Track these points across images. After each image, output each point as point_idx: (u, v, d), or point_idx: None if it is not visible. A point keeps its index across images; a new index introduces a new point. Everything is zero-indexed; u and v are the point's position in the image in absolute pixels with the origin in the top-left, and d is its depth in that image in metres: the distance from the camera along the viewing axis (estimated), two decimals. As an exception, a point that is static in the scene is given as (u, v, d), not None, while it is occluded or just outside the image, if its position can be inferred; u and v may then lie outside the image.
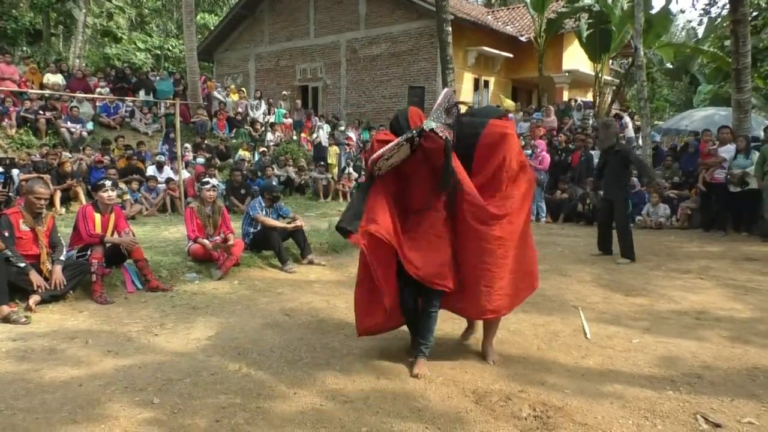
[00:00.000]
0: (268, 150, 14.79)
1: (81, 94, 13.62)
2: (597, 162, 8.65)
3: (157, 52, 30.57)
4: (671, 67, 24.51)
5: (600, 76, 17.84)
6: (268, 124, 16.29)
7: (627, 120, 14.21)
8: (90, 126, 13.63)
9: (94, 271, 5.08)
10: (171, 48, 30.81)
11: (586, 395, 3.22)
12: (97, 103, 14.46)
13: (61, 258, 4.98)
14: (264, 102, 17.32)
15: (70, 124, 12.95)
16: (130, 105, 14.95)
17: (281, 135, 16.28)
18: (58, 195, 9.90)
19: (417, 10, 18.03)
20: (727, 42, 14.95)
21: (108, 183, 5.58)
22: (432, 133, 3.19)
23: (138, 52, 29.04)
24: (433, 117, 3.25)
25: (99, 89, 14.66)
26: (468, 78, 18.81)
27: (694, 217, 10.19)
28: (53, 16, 25.89)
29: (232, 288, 5.70)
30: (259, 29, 22.31)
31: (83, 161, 11.26)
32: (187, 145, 12.93)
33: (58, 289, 4.85)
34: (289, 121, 17.35)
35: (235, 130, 15.80)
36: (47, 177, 9.67)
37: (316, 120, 16.87)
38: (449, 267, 3.38)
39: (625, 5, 17.08)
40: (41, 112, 12.96)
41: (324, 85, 20.79)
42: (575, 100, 17.66)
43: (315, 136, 15.77)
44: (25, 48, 24.99)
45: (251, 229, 6.83)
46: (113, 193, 5.61)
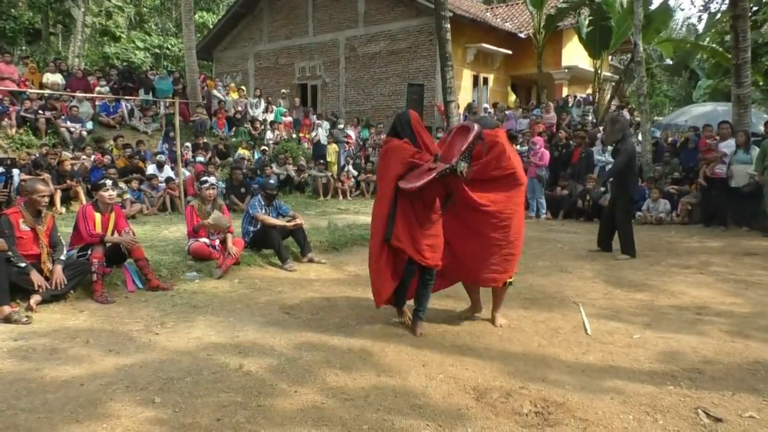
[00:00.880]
0: (268, 148, 14.78)
1: (80, 94, 13.62)
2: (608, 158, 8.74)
3: (156, 50, 30.53)
4: (671, 62, 24.51)
5: (599, 72, 17.81)
6: (268, 122, 16.28)
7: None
8: (90, 125, 13.63)
9: (95, 271, 5.07)
10: (170, 47, 30.77)
11: (586, 391, 3.23)
12: (97, 103, 14.45)
13: (62, 258, 4.98)
14: (263, 100, 17.31)
15: (69, 124, 12.94)
16: (130, 104, 14.94)
17: (280, 133, 16.27)
18: (58, 195, 9.90)
19: (416, 8, 18.00)
20: (727, 37, 14.93)
21: (108, 182, 5.58)
22: (459, 173, 3.85)
23: (137, 51, 29.01)
24: (462, 157, 3.85)
25: (98, 88, 14.66)
26: (467, 75, 18.79)
27: (694, 213, 10.19)
28: (52, 15, 25.86)
29: (233, 287, 5.70)
30: (258, 27, 22.29)
31: (84, 161, 11.26)
32: (186, 144, 12.92)
33: (59, 289, 4.85)
34: (289, 119, 17.33)
35: (234, 129, 15.79)
36: (47, 176, 9.69)
37: (314, 118, 16.87)
38: (442, 251, 4.28)
39: (625, 1, 17.05)
40: (41, 111, 12.95)
41: (323, 83, 20.77)
42: (574, 97, 17.65)
43: (314, 134, 15.76)
44: (24, 47, 24.97)
45: (251, 228, 6.83)
46: (113, 192, 5.61)
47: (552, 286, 5.74)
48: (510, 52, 19.54)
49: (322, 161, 14.13)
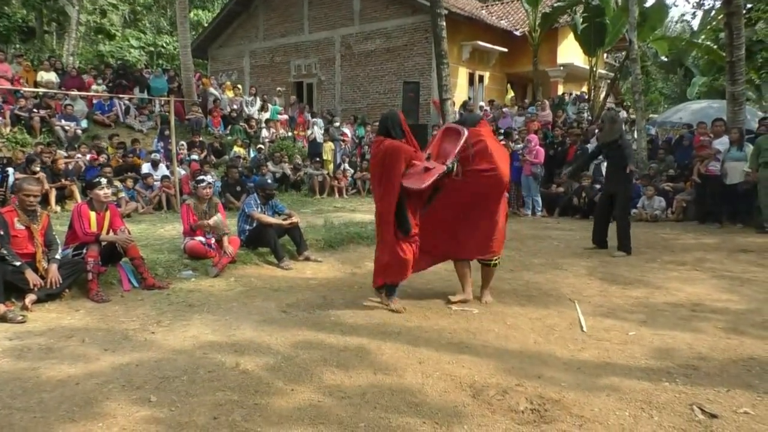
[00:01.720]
0: (264, 147, 14.75)
1: (75, 92, 13.56)
2: (591, 151, 8.74)
3: (151, 49, 30.43)
4: (666, 60, 24.55)
5: (595, 69, 17.84)
6: (263, 121, 16.23)
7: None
8: (84, 124, 13.57)
9: (90, 270, 5.06)
10: (165, 45, 30.66)
11: (582, 388, 3.24)
12: (92, 101, 14.39)
13: (57, 256, 4.96)
14: (259, 98, 17.26)
15: (64, 122, 12.89)
16: (125, 102, 14.89)
17: (276, 131, 16.23)
18: (53, 193, 9.87)
19: (411, 6, 17.98)
20: (722, 35, 14.97)
21: (103, 180, 5.56)
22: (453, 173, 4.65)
23: (132, 49, 28.91)
24: (456, 159, 4.64)
25: (94, 86, 14.60)
26: (462, 73, 18.79)
27: (689, 210, 10.22)
28: (46, 13, 25.75)
29: (229, 285, 5.69)
30: (254, 25, 22.23)
31: (79, 160, 11.22)
32: (182, 143, 12.88)
33: (54, 288, 4.83)
34: (285, 117, 17.30)
35: (230, 127, 15.75)
36: (42, 175, 9.64)
37: (308, 116, 16.85)
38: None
39: (620, -1, 17.09)
40: (35, 110, 12.88)
41: (318, 81, 20.74)
42: (570, 94, 17.66)
43: (310, 132, 15.74)
44: (18, 45, 24.87)
45: (247, 226, 6.82)
46: (108, 191, 5.59)
47: (548, 284, 5.75)
48: (505, 50, 19.54)
49: (318, 159, 14.11)
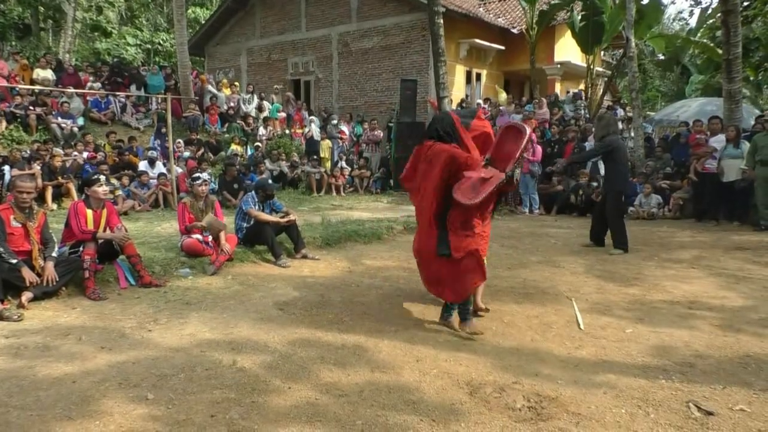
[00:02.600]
0: (262, 144, 14.74)
1: (71, 89, 13.51)
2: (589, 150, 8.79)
3: (148, 46, 30.35)
4: (663, 58, 24.56)
5: (592, 67, 17.84)
6: (261, 119, 16.21)
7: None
8: (81, 121, 13.53)
9: (87, 267, 5.05)
10: (161, 42, 30.58)
11: (579, 385, 3.24)
12: (88, 98, 14.35)
13: (53, 254, 4.95)
14: (256, 96, 17.24)
15: (60, 120, 12.85)
16: (122, 100, 14.85)
17: (274, 129, 16.21)
18: (49, 191, 9.84)
19: (408, 3, 17.95)
20: (718, 33, 14.98)
21: (102, 177, 5.55)
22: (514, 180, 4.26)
23: (128, 47, 28.83)
24: (517, 164, 4.20)
25: (90, 84, 14.55)
26: (460, 70, 18.77)
27: (686, 207, 10.25)
28: (42, 10, 25.66)
29: (226, 283, 5.68)
30: (251, 23, 22.17)
31: (75, 157, 11.19)
32: (179, 141, 12.85)
33: (51, 286, 4.82)
34: (283, 115, 17.28)
35: (227, 125, 15.72)
36: (38, 171, 9.62)
37: (305, 114, 16.83)
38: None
39: (617, -4, 17.07)
40: (31, 107, 12.84)
41: (316, 78, 20.70)
42: (567, 92, 17.66)
43: (307, 130, 15.73)
44: (14, 42, 24.78)
45: (244, 224, 6.81)
46: (107, 188, 5.58)
47: (545, 281, 5.76)
48: (503, 48, 19.52)
49: (315, 157, 14.10)
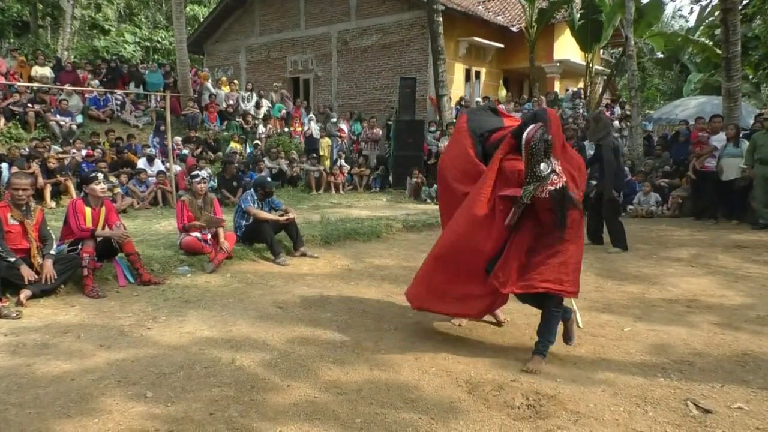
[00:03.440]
0: (261, 142, 14.73)
1: (70, 87, 13.49)
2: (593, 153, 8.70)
3: (147, 44, 30.29)
4: (662, 56, 24.57)
5: (591, 66, 17.84)
6: (261, 117, 16.19)
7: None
8: (79, 119, 13.51)
9: (86, 265, 5.04)
10: (160, 40, 30.52)
11: (578, 383, 3.25)
12: (87, 96, 14.33)
13: (52, 252, 4.94)
14: (255, 94, 17.22)
15: (59, 117, 12.84)
16: (120, 97, 14.83)
17: (273, 127, 16.20)
18: (48, 189, 9.83)
19: (408, 1, 17.92)
20: (718, 31, 14.98)
21: (100, 175, 5.54)
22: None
23: (127, 45, 28.77)
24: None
25: (88, 81, 14.52)
26: (459, 69, 18.76)
27: (684, 206, 10.25)
28: (41, 7, 25.61)
29: (225, 281, 5.68)
30: (250, 20, 22.14)
31: (74, 155, 11.17)
32: (177, 138, 12.84)
33: (49, 283, 4.81)
34: (283, 112, 17.26)
35: (226, 123, 15.71)
36: (36, 169, 9.60)
37: (303, 112, 16.83)
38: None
39: (616, -5, 17.06)
40: (30, 105, 12.82)
41: (315, 76, 20.68)
42: (566, 90, 17.66)
43: (306, 128, 15.72)
44: (12, 40, 24.73)
45: (243, 222, 6.81)
46: (105, 186, 5.57)
47: (544, 280, 5.75)
48: (502, 46, 19.50)
49: (314, 155, 14.09)
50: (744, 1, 14.99)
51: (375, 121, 16.15)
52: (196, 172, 6.65)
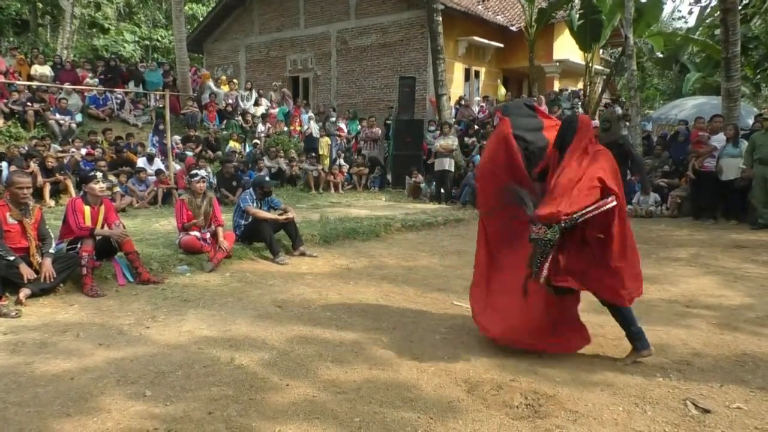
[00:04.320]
0: (260, 141, 14.72)
1: (69, 86, 13.48)
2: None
3: (146, 42, 30.27)
4: (661, 56, 24.55)
5: (590, 65, 17.84)
6: (259, 116, 16.17)
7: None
8: (79, 118, 13.50)
9: (85, 264, 5.04)
10: (160, 39, 30.50)
11: (577, 383, 3.25)
12: (86, 95, 14.32)
13: (51, 251, 4.94)
14: (254, 93, 17.21)
15: (58, 116, 12.82)
16: (120, 96, 14.82)
17: (272, 126, 16.19)
18: (47, 188, 9.82)
19: (407, 0, 17.94)
20: (717, 31, 14.99)
21: (99, 174, 5.54)
22: None
23: (126, 44, 28.74)
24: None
25: (87, 80, 14.51)
26: (458, 68, 18.76)
27: (684, 206, 10.25)
28: (40, 6, 25.58)
29: (224, 280, 5.68)
30: (249, 19, 22.13)
31: (73, 154, 11.16)
32: (176, 137, 12.83)
33: (49, 282, 4.81)
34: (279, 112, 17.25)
35: (225, 122, 15.70)
36: (35, 168, 9.59)
37: (302, 110, 16.83)
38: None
39: (616, -6, 17.05)
40: (29, 103, 12.81)
41: (314, 76, 20.68)
42: (565, 90, 17.65)
43: (306, 127, 15.71)
44: (11, 38, 24.70)
45: (242, 221, 6.81)
46: (104, 185, 5.57)
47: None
48: (502, 45, 19.51)
49: (313, 154, 14.08)
50: (744, 2, 14.99)
51: (374, 121, 16.16)
52: (195, 171, 6.65)
